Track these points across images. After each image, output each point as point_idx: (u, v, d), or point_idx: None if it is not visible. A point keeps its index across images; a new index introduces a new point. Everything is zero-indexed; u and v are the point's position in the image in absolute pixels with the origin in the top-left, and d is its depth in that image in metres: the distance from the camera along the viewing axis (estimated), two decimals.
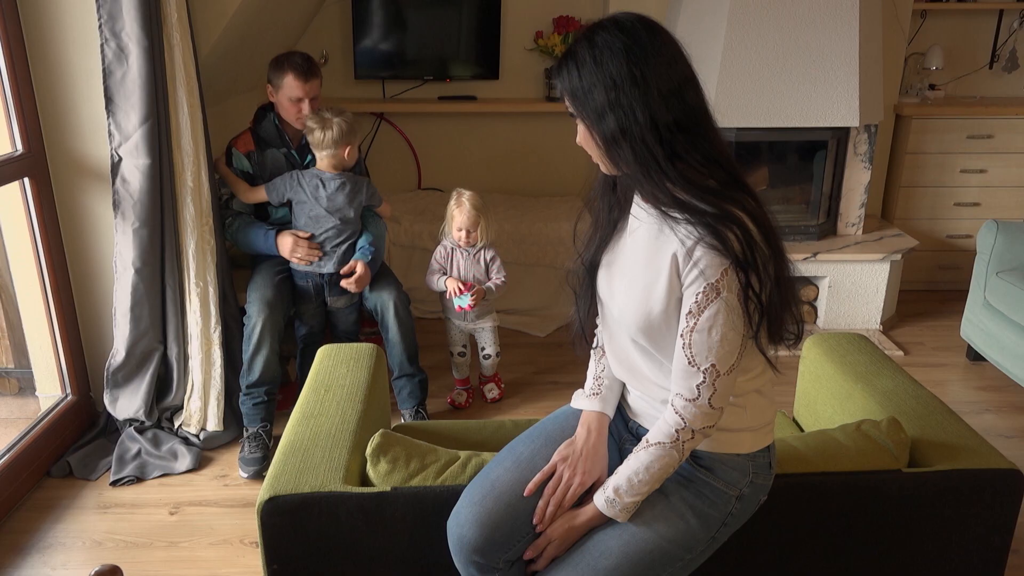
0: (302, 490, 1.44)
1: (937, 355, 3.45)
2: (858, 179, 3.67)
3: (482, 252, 2.83)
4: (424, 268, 3.69)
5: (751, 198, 1.24)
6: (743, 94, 3.37)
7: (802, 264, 3.54)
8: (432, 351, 3.40)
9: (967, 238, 4.01)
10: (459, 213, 2.77)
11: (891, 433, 1.55)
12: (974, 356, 3.36)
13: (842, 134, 3.56)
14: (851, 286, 3.59)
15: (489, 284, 2.82)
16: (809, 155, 3.67)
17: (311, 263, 2.68)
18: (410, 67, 4.02)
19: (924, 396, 1.77)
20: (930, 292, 4.11)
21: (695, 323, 1.21)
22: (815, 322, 3.69)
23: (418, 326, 3.62)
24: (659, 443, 1.26)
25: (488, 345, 2.95)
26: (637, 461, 1.28)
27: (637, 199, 1.34)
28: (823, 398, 1.97)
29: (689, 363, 1.22)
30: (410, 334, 2.77)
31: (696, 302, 1.20)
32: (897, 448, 1.54)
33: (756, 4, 3.28)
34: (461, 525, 1.35)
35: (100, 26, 2.30)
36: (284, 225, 2.76)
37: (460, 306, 2.77)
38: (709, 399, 1.22)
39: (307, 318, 2.79)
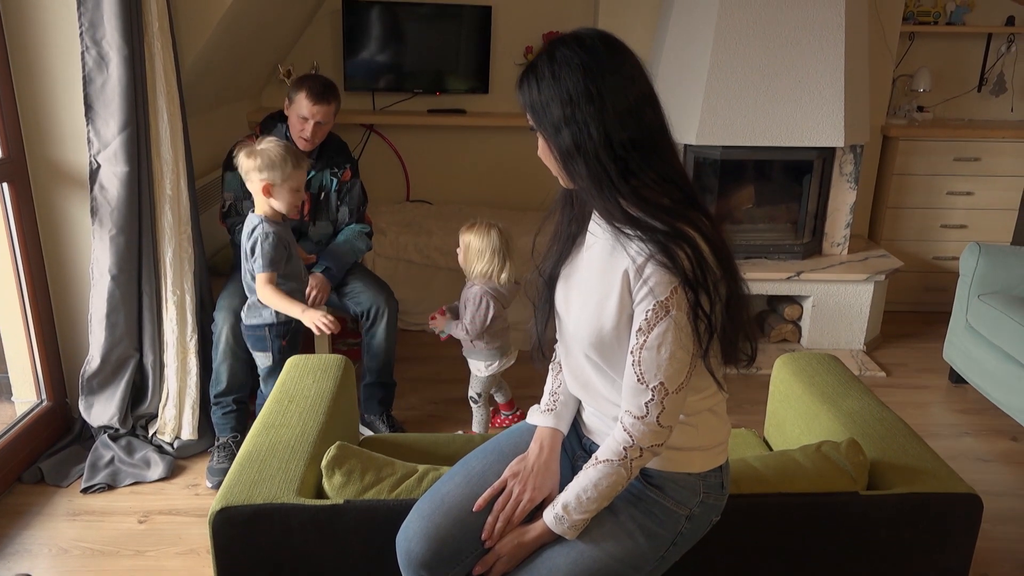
0: (255, 501, 1.43)
1: (919, 377, 3.44)
2: (844, 199, 3.68)
3: (467, 288, 2.58)
4: (409, 281, 3.70)
5: (705, 217, 1.25)
6: (729, 113, 3.38)
7: (785, 283, 3.54)
8: (413, 364, 3.39)
9: (953, 260, 4.01)
10: None
11: (850, 455, 1.55)
12: (956, 379, 3.35)
13: (828, 154, 3.57)
14: (835, 306, 3.59)
15: (451, 321, 2.59)
16: (795, 174, 3.68)
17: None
18: (400, 80, 4.04)
19: (888, 418, 1.76)
20: (916, 313, 4.11)
21: (644, 340, 1.20)
22: (798, 341, 3.68)
23: (400, 338, 3.62)
24: (607, 460, 1.25)
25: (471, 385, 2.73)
26: (586, 478, 1.27)
27: (595, 215, 1.35)
28: (791, 418, 1.96)
29: (638, 380, 1.22)
30: (394, 344, 2.79)
31: (646, 319, 1.20)
32: (856, 470, 1.53)
33: (742, 24, 3.30)
34: (409, 539, 1.34)
35: (81, 34, 2.32)
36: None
37: None
38: (657, 417, 1.22)
39: None
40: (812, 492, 1.50)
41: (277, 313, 2.34)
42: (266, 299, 2.31)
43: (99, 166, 2.43)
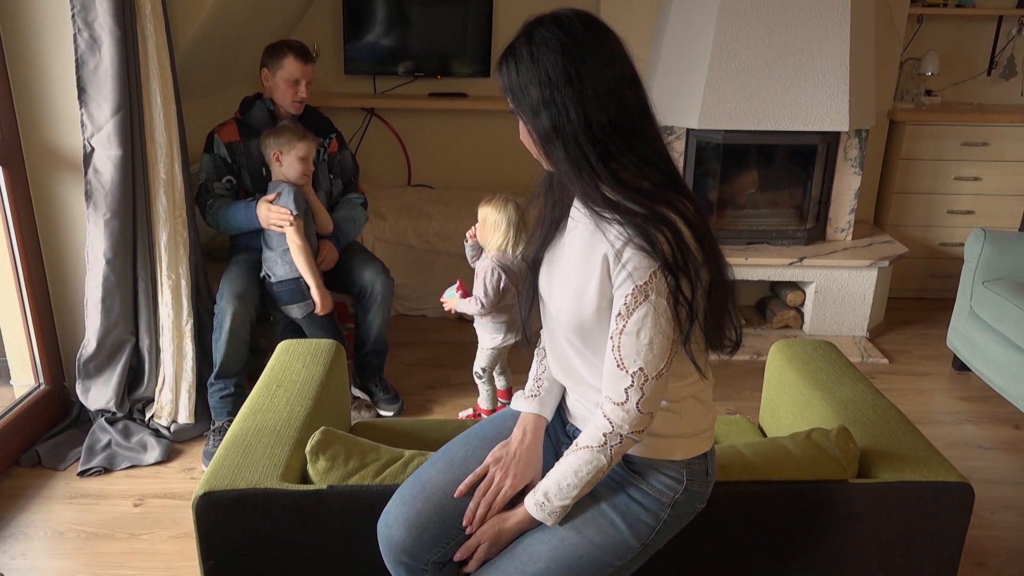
0: (238, 486, 1.43)
1: (922, 364, 3.40)
2: (848, 184, 3.63)
3: (480, 262, 2.60)
4: (408, 266, 3.69)
5: (688, 201, 1.22)
6: (731, 96, 3.34)
7: (788, 269, 3.50)
8: (410, 348, 3.39)
9: (960, 246, 3.96)
10: None
11: (840, 442, 1.53)
12: (959, 366, 3.32)
13: (832, 138, 3.52)
14: (838, 292, 3.55)
15: (462, 299, 2.62)
16: (799, 159, 3.63)
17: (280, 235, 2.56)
18: (401, 63, 4.02)
19: (882, 405, 1.74)
20: (922, 300, 4.07)
21: (624, 325, 1.18)
22: (801, 328, 3.65)
23: (399, 323, 3.63)
24: (587, 447, 1.24)
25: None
26: (566, 465, 1.26)
27: (576, 199, 1.32)
28: (784, 405, 1.94)
29: (618, 366, 1.20)
30: (389, 311, 2.79)
31: (625, 304, 1.18)
32: (845, 458, 1.51)
33: (745, 6, 3.25)
34: (390, 525, 1.34)
35: (73, 16, 2.30)
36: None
37: None
38: (637, 403, 1.20)
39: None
40: (800, 480, 1.48)
41: None
42: (295, 244, 2.54)
43: (93, 149, 2.42)
